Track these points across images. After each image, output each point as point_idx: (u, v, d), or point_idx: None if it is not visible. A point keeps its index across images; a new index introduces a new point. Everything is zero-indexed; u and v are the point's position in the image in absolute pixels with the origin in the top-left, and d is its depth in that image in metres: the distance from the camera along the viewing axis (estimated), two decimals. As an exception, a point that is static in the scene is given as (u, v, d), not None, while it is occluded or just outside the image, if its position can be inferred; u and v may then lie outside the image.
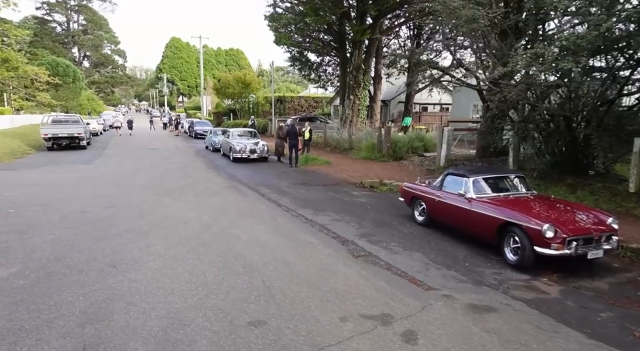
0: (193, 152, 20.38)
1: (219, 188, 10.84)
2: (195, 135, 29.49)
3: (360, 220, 7.65)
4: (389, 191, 10.78)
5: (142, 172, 13.21)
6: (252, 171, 14.15)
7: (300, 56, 30.02)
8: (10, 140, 20.08)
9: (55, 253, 4.93)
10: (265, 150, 16.90)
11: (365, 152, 16.68)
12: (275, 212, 8.17)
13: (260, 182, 11.95)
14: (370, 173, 13.06)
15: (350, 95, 21.99)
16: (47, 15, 71.59)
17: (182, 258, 5.05)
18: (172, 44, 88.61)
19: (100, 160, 16.53)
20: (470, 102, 24.69)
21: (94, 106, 64.76)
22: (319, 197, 9.89)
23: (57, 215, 6.85)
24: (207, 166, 15.40)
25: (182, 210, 7.89)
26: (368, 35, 20.73)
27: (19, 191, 8.91)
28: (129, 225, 6.54)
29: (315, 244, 6.07)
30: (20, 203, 7.65)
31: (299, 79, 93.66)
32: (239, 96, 42.20)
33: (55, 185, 10.11)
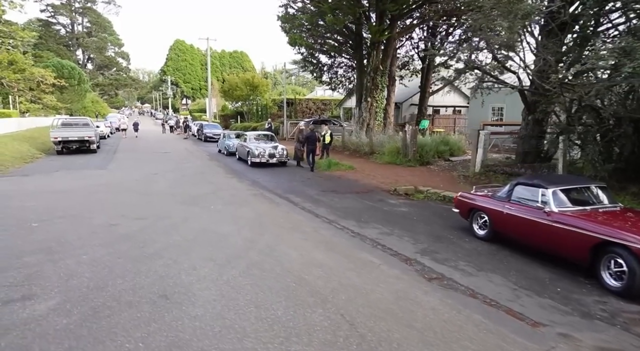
0: (207, 156, 19.75)
1: (245, 195, 10.19)
2: (205, 138, 28.87)
3: (412, 233, 6.99)
4: (427, 199, 10.14)
5: (160, 178, 12.57)
6: (275, 177, 13.50)
7: (311, 58, 29.51)
8: (19, 143, 19.49)
9: (95, 279, 4.27)
10: (285, 155, 16.26)
11: (389, 157, 16.03)
12: (317, 224, 7.52)
13: (287, 189, 11.31)
14: (401, 179, 12.40)
15: (368, 98, 21.37)
16: (51, 18, 71.29)
17: (238, 285, 4.40)
18: (176, 46, 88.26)
19: (113, 164, 15.90)
20: (488, 104, 24.04)
21: (98, 108, 64.28)
22: (355, 206, 9.24)
23: (85, 230, 6.20)
24: (225, 171, 14.76)
25: (216, 222, 7.24)
26: (387, 35, 20.13)
27: (38, 200, 8.27)
28: (165, 241, 5.89)
29: (376, 264, 5.41)
30: (42, 214, 7.00)
31: (303, 81, 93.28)
32: (246, 98, 41.66)
33: (73, 192, 9.48)
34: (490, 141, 12.19)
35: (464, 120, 33.28)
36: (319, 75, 30.60)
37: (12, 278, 4.18)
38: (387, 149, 16.36)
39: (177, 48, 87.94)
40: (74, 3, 73.05)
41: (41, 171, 13.67)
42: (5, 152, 16.52)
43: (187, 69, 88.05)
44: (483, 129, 12.41)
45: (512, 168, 10.92)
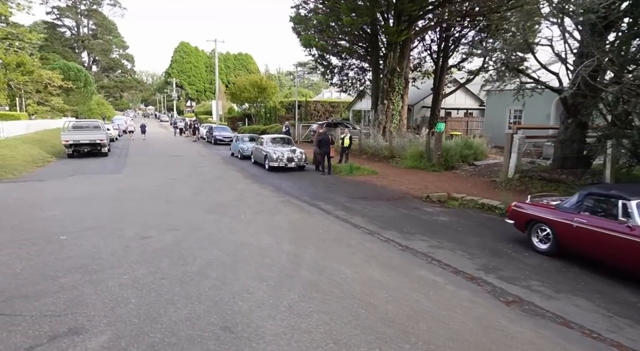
0: (220, 160, 19.29)
1: (273, 203, 9.71)
2: (215, 141, 28.45)
3: (463, 246, 6.49)
4: (462, 207, 9.64)
5: (179, 184, 12.11)
6: (297, 182, 13.03)
7: (322, 59, 29.11)
8: (30, 146, 19.09)
9: (144, 307, 3.78)
10: (304, 159, 15.80)
11: (412, 161, 15.52)
12: (359, 236, 7.02)
13: (314, 195, 10.82)
14: (430, 185, 11.90)
15: (384, 100, 20.89)
16: (57, 20, 71.21)
17: (303, 312, 3.90)
18: (181, 48, 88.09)
19: (127, 169, 15.45)
20: (506, 106, 23.57)
21: (103, 111, 63.95)
22: (391, 214, 8.75)
23: (117, 243, 5.72)
24: (243, 176, 14.28)
25: (252, 234, 6.76)
26: (404, 36, 19.66)
27: (59, 208, 7.81)
28: (206, 257, 5.40)
29: (441, 283, 4.91)
30: (68, 226, 6.53)
31: (308, 83, 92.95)
32: (254, 101, 41.24)
33: (94, 200, 9.01)
34: (524, 145, 11.65)
35: (477, 122, 32.80)
36: (330, 77, 30.18)
37: (52, 305, 3.69)
38: (409, 153, 15.85)
39: (182, 50, 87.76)
40: (79, 5, 73.00)
41: (55, 176, 13.23)
42: (17, 155, 16.12)
43: (192, 71, 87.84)
44: (516, 132, 11.88)
45: (551, 174, 10.39)
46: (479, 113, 36.85)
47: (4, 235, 5.70)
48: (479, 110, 36.77)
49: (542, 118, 20.97)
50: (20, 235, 5.77)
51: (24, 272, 4.43)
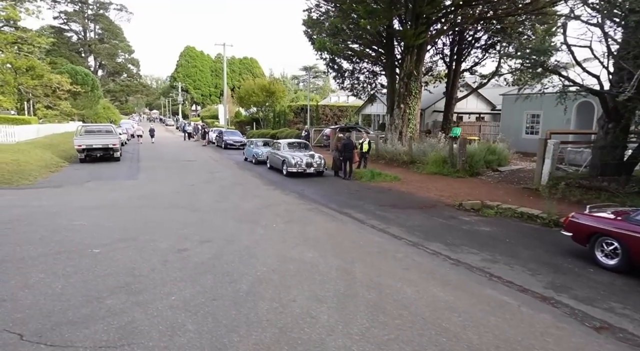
0: (235, 165, 18.93)
1: (301, 211, 9.31)
2: (225, 146, 28.13)
3: (518, 260, 6.06)
4: (499, 215, 9.21)
5: (199, 190, 11.74)
6: (319, 188, 12.64)
7: (333, 63, 28.85)
8: (42, 151, 18.79)
9: (205, 336, 3.36)
10: (323, 164, 15.41)
11: (434, 167, 15.10)
12: (403, 248, 6.61)
13: (341, 202, 10.43)
14: (460, 192, 11.48)
15: (401, 104, 20.52)
16: (64, 25, 71.48)
17: (381, 342, 3.48)
18: (187, 52, 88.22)
19: (142, 174, 15.11)
20: (523, 111, 23.18)
21: (109, 114, 63.93)
22: (428, 224, 8.34)
23: (155, 258, 5.33)
24: (263, 182, 13.90)
25: (291, 246, 6.36)
26: (422, 39, 19.33)
27: (84, 217, 7.43)
28: (252, 274, 5.00)
29: (514, 305, 4.48)
30: (98, 237, 6.14)
31: (314, 87, 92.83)
32: (262, 105, 41.00)
33: (117, 208, 8.64)
34: (558, 151, 11.21)
35: (490, 127, 32.39)
36: (341, 81, 29.92)
37: (104, 333, 3.29)
38: (430, 159, 15.43)
39: (188, 54, 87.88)
40: (86, 10, 73.30)
41: (71, 181, 12.90)
42: (30, 160, 15.81)
43: (197, 75, 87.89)
44: (550, 138, 11.46)
45: (590, 182, 9.94)
46: (490, 117, 36.46)
47: (35, 248, 5.32)
48: (491, 115, 36.39)
49: (562, 123, 20.54)
50: (52, 248, 5.38)
51: (65, 292, 4.03)
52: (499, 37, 26.96)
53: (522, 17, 22.56)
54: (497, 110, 35.48)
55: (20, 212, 7.57)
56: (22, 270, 4.50)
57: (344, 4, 19.31)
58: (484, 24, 25.00)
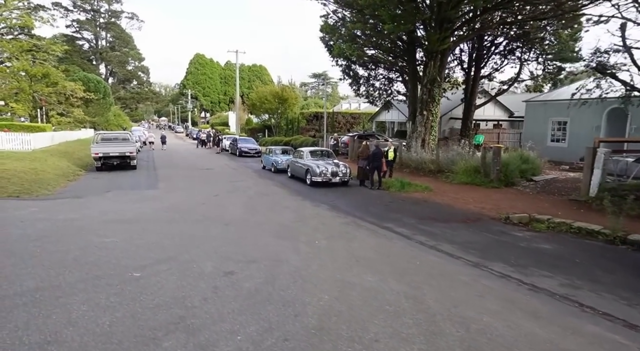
0: (254, 174, 18.41)
1: (338, 225, 8.73)
2: (240, 153, 27.69)
3: (603, 286, 5.41)
4: (551, 230, 8.54)
5: (225, 201, 11.21)
6: (349, 199, 12.06)
7: (348, 70, 28.47)
8: (58, 159, 18.45)
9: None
10: (348, 173, 14.84)
11: (465, 176, 14.46)
12: (465, 270, 5.98)
13: (377, 215, 9.83)
14: (501, 204, 10.84)
15: (424, 111, 19.92)
16: (76, 33, 72.17)
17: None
18: (196, 60, 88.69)
19: (162, 183, 14.62)
20: (548, 117, 22.49)
21: (120, 122, 64.08)
22: (480, 240, 7.71)
23: (203, 284, 4.76)
24: (288, 192, 13.34)
25: (345, 268, 5.77)
26: (446, 44, 18.81)
27: (114, 233, 6.89)
28: (315, 304, 4.41)
29: (633, 348, 3.84)
30: (134, 256, 5.60)
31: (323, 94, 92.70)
32: (274, 112, 40.66)
33: (146, 221, 8.12)
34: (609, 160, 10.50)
35: (509, 134, 31.71)
36: (357, 87, 29.51)
37: (172, 390, 2.72)
38: (461, 168, 14.79)
39: (197, 62, 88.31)
40: (98, 19, 74.01)
41: (91, 192, 12.43)
42: (47, 169, 15.43)
43: (207, 83, 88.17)
44: (599, 146, 10.79)
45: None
46: (508, 124, 35.76)
47: (71, 272, 4.77)
48: (509, 122, 35.69)
49: (591, 130, 19.83)
50: (88, 271, 4.84)
51: (114, 330, 3.46)
52: (518, 43, 26.43)
53: (545, 21, 22.01)
54: (516, 117, 34.82)
55: (45, 226, 7.07)
56: (62, 300, 3.95)
57: (365, 8, 18.87)
58: (506, 28, 24.45)
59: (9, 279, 4.40)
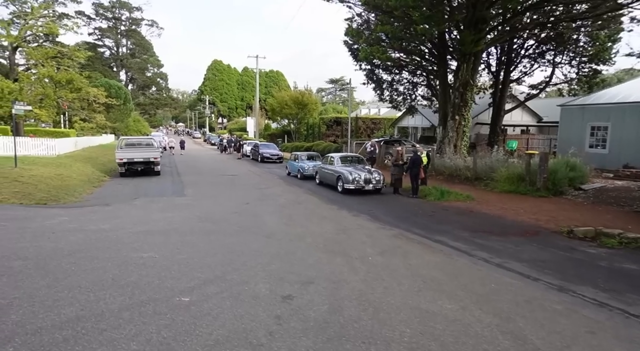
0: (280, 180, 17.83)
1: (386, 238, 8.00)
2: (262, 159, 27.23)
3: None
4: (625, 246, 7.63)
5: (259, 210, 10.60)
6: (388, 208, 11.34)
7: (372, 74, 27.83)
8: (82, 165, 18.24)
9: None
10: (382, 180, 14.11)
11: (507, 184, 13.57)
12: (552, 296, 5.17)
13: (424, 226, 9.09)
14: (557, 215, 9.96)
15: (455, 115, 19.10)
16: (98, 40, 73.53)
17: None
18: (214, 66, 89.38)
19: (189, 190, 14.15)
20: (586, 122, 21.33)
21: (139, 127, 64.77)
22: (550, 257, 6.91)
23: (262, 311, 4.09)
24: (321, 200, 12.68)
25: (413, 291, 5.05)
26: (481, 46, 18.01)
27: (152, 247, 6.31)
28: (400, 341, 3.71)
29: None
30: (178, 276, 4.98)
31: (340, 99, 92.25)
32: (294, 117, 40.22)
33: (182, 233, 7.54)
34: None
35: (539, 140, 30.52)
36: (380, 92, 28.86)
37: None
38: (502, 175, 13.90)
39: (215, 68, 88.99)
40: (119, 26, 75.35)
41: (118, 199, 12.01)
42: (73, 175, 15.16)
43: (224, 89, 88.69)
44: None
45: None
46: (536, 130, 34.51)
47: (112, 296, 4.17)
48: (537, 127, 34.45)
49: (635, 136, 18.69)
50: (131, 295, 4.23)
51: (174, 380, 2.83)
52: (549, 46, 25.38)
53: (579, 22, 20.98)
54: (545, 122, 33.56)
55: (78, 238, 6.54)
56: (107, 334, 3.34)
57: (396, 9, 18.20)
58: (537, 30, 23.44)
59: (45, 305, 3.82)
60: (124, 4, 74.64)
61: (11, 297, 3.96)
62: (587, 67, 25.20)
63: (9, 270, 4.75)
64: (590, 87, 25.45)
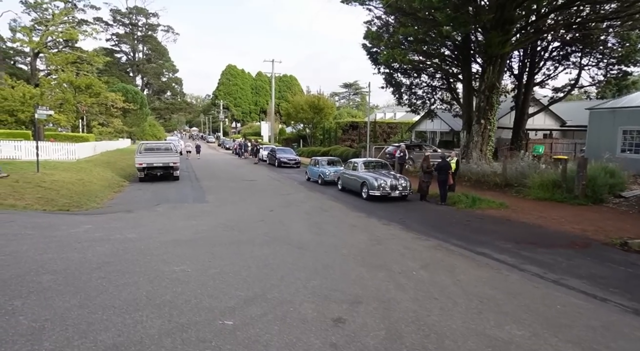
0: (301, 186, 17.45)
1: (425, 249, 7.51)
2: (279, 164, 26.92)
3: None
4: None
5: (284, 217, 10.20)
6: (419, 217, 10.83)
7: (390, 78, 27.32)
8: (102, 170, 18.16)
9: None
10: (408, 187, 13.60)
11: (541, 191, 12.93)
12: (628, 320, 4.63)
13: (462, 236, 8.56)
14: (603, 225, 9.33)
15: (481, 119, 18.50)
16: (115, 46, 74.60)
17: None
18: (228, 71, 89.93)
19: (210, 196, 13.85)
20: (618, 126, 20.43)
21: (155, 132, 65.33)
22: (608, 272, 6.38)
23: (315, 339, 3.65)
24: (346, 207, 12.24)
25: (476, 313, 4.56)
26: (509, 47, 17.42)
27: (182, 259, 5.94)
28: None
29: None
30: (216, 293, 4.58)
31: (353, 104, 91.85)
32: (310, 121, 39.92)
33: (211, 243, 7.17)
34: None
35: (562, 144, 29.60)
36: (399, 96, 28.34)
37: None
38: (536, 181, 13.25)
39: (229, 73, 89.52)
40: (136, 32, 76.36)
41: (140, 205, 11.75)
42: (93, 180, 15.02)
43: (238, 93, 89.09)
44: None
45: None
46: (559, 134, 33.52)
47: (150, 319, 3.78)
48: (560, 131, 33.47)
49: (672, 140, 17.80)
50: (170, 318, 3.84)
51: None
52: (574, 47, 24.55)
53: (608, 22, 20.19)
54: (569, 126, 32.58)
55: (105, 249, 6.21)
56: (150, 368, 2.94)
57: (419, 11, 17.75)
58: (562, 32, 22.67)
59: (79, 329, 3.46)
60: (141, 10, 75.70)
61: (43, 319, 3.61)
62: (616, 68, 24.28)
63: (38, 285, 4.42)
64: (619, 89, 24.54)
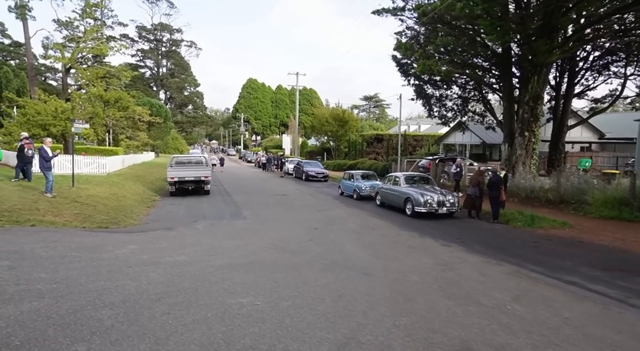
0: (336, 200, 16.75)
1: (504, 277, 6.65)
2: (306, 177, 26.34)
3: None
4: None
5: (333, 236, 9.50)
6: (477, 236, 9.96)
7: (420, 90, 26.62)
8: (133, 184, 17.89)
9: None
10: (456, 203, 12.75)
11: (606, 209, 11.87)
12: None
13: (535, 261, 7.69)
14: (698, 250, 8.26)
15: (525, 132, 17.53)
16: (140, 62, 76.52)
17: None
18: (249, 84, 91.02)
19: (246, 212, 13.27)
20: (672, 138, 19.15)
21: (177, 145, 66.12)
22: None
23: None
24: (393, 224, 11.45)
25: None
26: (556, 56, 16.56)
27: (246, 289, 5.27)
28: None
29: None
30: (301, 337, 3.88)
31: (374, 117, 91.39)
32: (335, 134, 39.42)
33: (268, 268, 6.50)
34: None
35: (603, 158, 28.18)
36: (429, 108, 27.60)
37: None
38: (599, 199, 12.20)
39: (250, 86, 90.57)
40: (160, 47, 78.25)
41: (177, 221, 11.23)
42: (126, 194, 14.68)
43: (258, 107, 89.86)
44: None
45: None
46: (598, 147, 32.05)
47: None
48: (598, 144, 32.00)
49: None
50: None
51: None
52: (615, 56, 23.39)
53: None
54: (608, 138, 31.14)
55: (159, 276, 5.61)
56: None
57: (458, 19, 17.11)
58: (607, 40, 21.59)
59: (158, 390, 2.79)
60: (166, 26, 77.67)
61: (113, 373, 2.98)
62: (663, 78, 22.99)
63: (98, 323, 3.81)
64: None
